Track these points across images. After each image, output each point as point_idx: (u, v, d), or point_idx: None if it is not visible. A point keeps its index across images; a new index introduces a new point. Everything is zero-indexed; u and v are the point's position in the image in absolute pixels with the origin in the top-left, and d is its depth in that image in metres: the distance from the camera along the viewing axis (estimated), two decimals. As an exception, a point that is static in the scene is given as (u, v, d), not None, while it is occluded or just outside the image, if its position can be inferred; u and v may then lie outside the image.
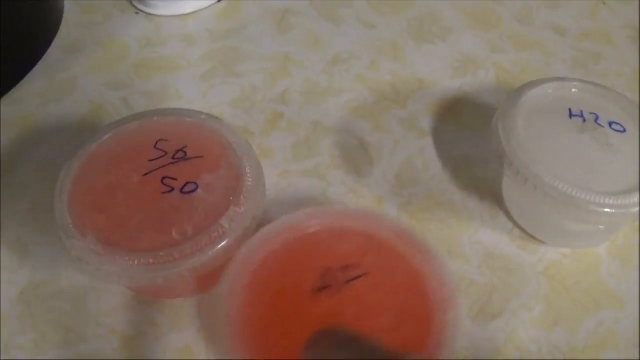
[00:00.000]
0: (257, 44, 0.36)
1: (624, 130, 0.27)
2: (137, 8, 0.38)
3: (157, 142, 0.26)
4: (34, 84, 0.34)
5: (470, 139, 0.32)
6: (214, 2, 0.37)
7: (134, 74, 0.34)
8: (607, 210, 0.25)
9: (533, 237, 0.29)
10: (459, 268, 0.28)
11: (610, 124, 0.27)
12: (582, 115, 0.27)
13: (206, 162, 0.26)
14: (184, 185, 0.25)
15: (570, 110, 0.28)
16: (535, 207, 0.28)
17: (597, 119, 0.27)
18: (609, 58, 0.37)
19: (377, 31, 0.36)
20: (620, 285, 0.27)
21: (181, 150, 0.26)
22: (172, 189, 0.25)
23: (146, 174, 0.25)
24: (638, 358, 0.26)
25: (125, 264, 0.22)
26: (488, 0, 0.38)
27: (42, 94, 0.34)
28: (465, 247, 0.28)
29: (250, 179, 0.25)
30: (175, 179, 0.25)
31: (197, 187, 0.25)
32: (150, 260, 0.22)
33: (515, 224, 0.29)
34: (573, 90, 0.29)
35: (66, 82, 0.34)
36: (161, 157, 0.26)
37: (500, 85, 0.34)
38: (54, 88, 0.34)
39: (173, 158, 0.26)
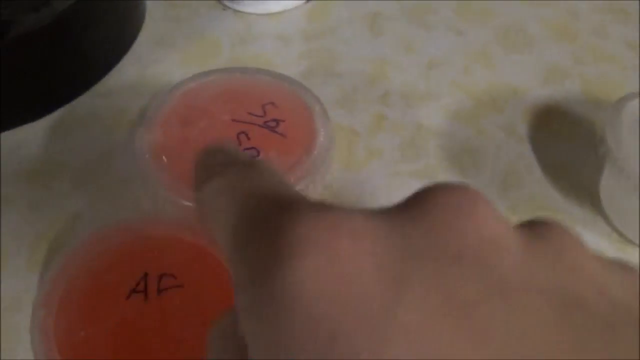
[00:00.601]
0: (351, 46, 0.37)
1: None
2: (224, 4, 0.38)
3: (266, 104, 0.28)
4: (123, 75, 0.35)
5: (565, 146, 0.33)
6: (302, 2, 0.38)
7: (230, 71, 0.35)
8: None
9: (631, 241, 0.30)
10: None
11: None
12: None
13: (286, 144, 0.27)
14: (270, 121, 0.27)
15: None
16: (636, 210, 0.30)
17: None
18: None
19: (466, 38, 0.38)
20: None
21: (276, 120, 0.27)
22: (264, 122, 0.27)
23: (234, 120, 0.27)
24: None
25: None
26: (566, 14, 0.40)
27: (134, 87, 0.34)
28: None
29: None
30: (249, 139, 0.27)
31: (258, 153, 0.26)
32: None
33: (614, 228, 0.31)
34: None
35: (159, 76, 0.35)
36: (260, 116, 0.27)
37: (585, 95, 0.36)
38: (145, 82, 0.34)
39: (264, 124, 0.27)
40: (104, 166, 0.31)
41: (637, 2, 0.41)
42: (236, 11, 0.38)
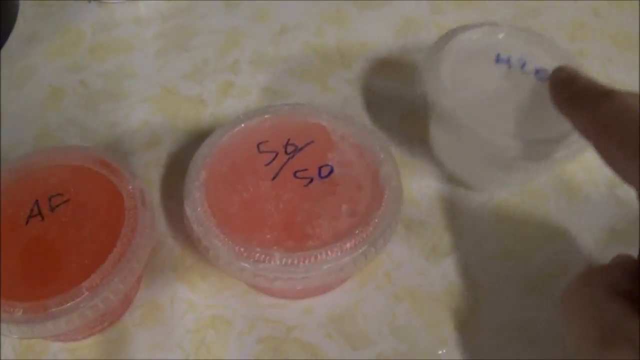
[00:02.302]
0: (207, 21, 0.39)
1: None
2: (89, -4, 0.41)
3: (258, 146, 0.28)
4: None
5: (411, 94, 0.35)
6: (162, -15, 0.40)
7: (89, 57, 0.38)
8: (516, 153, 0.26)
9: (465, 183, 0.31)
10: (410, 212, 0.31)
11: (536, 71, 0.29)
12: (508, 62, 0.29)
13: (320, 145, 0.28)
14: (319, 171, 0.27)
15: (498, 55, 0.30)
16: (455, 150, 0.30)
17: (524, 65, 0.29)
18: (548, 13, 0.40)
19: (321, 1, 0.40)
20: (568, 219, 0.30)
21: (288, 144, 0.28)
22: (312, 179, 0.27)
23: (274, 178, 0.27)
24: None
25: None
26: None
27: (3, 82, 0.37)
28: (414, 193, 0.31)
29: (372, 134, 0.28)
30: (306, 169, 0.27)
31: (332, 167, 0.27)
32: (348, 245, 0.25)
33: (446, 170, 0.32)
34: (501, 35, 0.31)
35: (26, 69, 0.37)
36: (274, 157, 0.28)
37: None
38: (15, 75, 0.37)
39: (286, 153, 0.28)
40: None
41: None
42: (101, 2, 0.40)
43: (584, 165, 0.32)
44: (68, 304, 0.24)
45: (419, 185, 0.32)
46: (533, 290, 0.28)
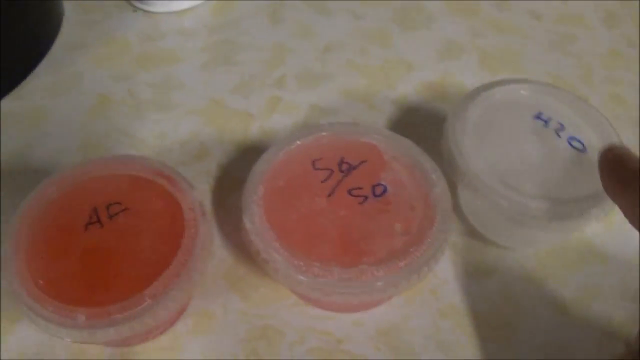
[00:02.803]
0: (252, 36, 0.40)
1: (583, 149, 0.29)
2: (134, 6, 0.42)
3: (313, 163, 0.29)
4: (40, 79, 0.38)
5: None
6: (207, -1, 0.42)
7: (136, 67, 0.39)
8: (546, 215, 0.27)
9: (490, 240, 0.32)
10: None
11: (570, 138, 0.30)
12: (545, 123, 0.30)
13: (373, 164, 0.29)
14: (373, 189, 0.28)
15: (539, 114, 0.30)
16: (483, 210, 0.31)
17: (560, 129, 0.30)
18: (584, 39, 0.42)
19: (364, 20, 0.41)
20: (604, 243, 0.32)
21: (342, 162, 0.29)
22: (366, 197, 0.28)
23: (330, 195, 0.28)
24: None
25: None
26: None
27: (50, 89, 0.38)
28: (459, 211, 0.32)
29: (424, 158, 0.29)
30: (361, 188, 0.28)
31: (385, 187, 0.28)
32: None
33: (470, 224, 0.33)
34: (530, 92, 0.32)
35: (72, 77, 0.38)
36: (330, 175, 0.29)
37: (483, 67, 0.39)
38: (61, 82, 0.38)
39: (341, 171, 0.29)
40: (22, 160, 0.34)
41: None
42: (146, 11, 0.41)
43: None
44: (131, 311, 0.25)
45: (465, 201, 0.33)
46: (568, 312, 0.30)
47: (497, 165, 0.29)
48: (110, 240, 0.27)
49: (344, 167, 0.30)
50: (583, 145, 0.29)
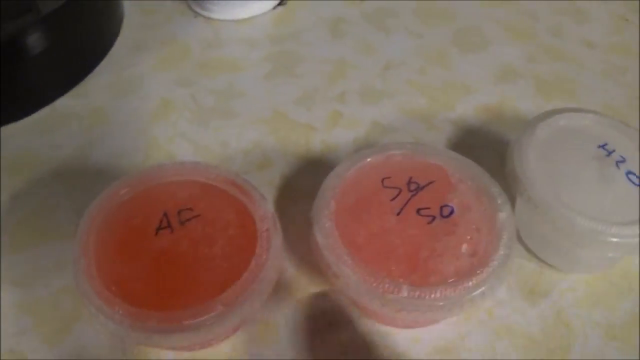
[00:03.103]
0: (314, 48, 0.41)
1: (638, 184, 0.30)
2: (195, 11, 0.43)
3: (382, 181, 0.30)
4: (101, 78, 0.39)
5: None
6: (269, 9, 0.43)
7: (199, 73, 0.40)
8: (614, 239, 0.28)
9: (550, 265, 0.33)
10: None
11: (627, 172, 0.31)
12: (609, 152, 0.31)
13: (440, 185, 0.30)
14: (441, 210, 0.29)
15: (604, 145, 0.32)
16: (545, 233, 0.32)
17: (620, 162, 0.31)
18: (635, 70, 0.43)
19: (424, 40, 0.42)
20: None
21: (410, 181, 0.30)
22: (434, 217, 0.29)
23: (399, 213, 0.29)
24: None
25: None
26: (524, 15, 0.44)
27: (110, 89, 0.39)
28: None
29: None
30: (429, 208, 0.29)
31: (452, 208, 0.29)
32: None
33: (528, 249, 0.34)
34: (586, 122, 0.33)
35: (134, 78, 0.39)
36: (398, 193, 0.30)
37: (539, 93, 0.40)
38: (122, 83, 0.39)
39: (409, 190, 0.30)
40: (81, 160, 0.35)
41: (593, 1, 0.45)
42: (207, 18, 0.42)
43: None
44: (202, 318, 0.25)
45: (522, 222, 0.33)
46: (617, 337, 0.31)
47: (557, 183, 0.30)
48: (181, 246, 0.27)
49: (412, 186, 0.31)
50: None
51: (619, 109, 0.40)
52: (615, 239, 0.29)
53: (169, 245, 0.27)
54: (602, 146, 0.32)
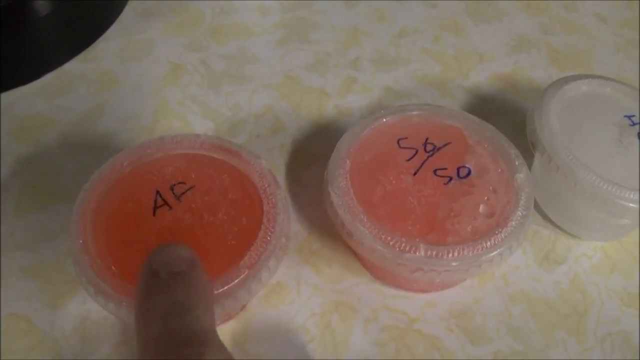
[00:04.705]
0: (327, 15, 0.41)
1: None
2: (207, -22, 0.42)
3: (399, 141, 0.29)
4: (110, 43, 0.38)
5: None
6: (281, -24, 0.42)
7: (210, 38, 0.39)
8: (631, 204, 0.28)
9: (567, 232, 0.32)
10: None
11: None
12: (634, 123, 0.31)
13: (457, 146, 0.29)
14: (458, 171, 0.28)
15: (632, 115, 0.31)
16: (564, 197, 0.31)
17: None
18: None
19: (438, 9, 0.42)
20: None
21: (427, 142, 0.29)
22: (451, 178, 0.28)
23: (415, 173, 0.28)
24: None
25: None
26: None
27: (120, 53, 0.38)
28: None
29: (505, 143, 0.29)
30: (446, 168, 0.28)
31: (470, 169, 0.29)
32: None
33: (547, 217, 0.33)
34: (608, 89, 0.32)
35: (143, 43, 0.38)
36: (415, 154, 0.29)
37: (552, 63, 0.40)
38: (132, 48, 0.38)
39: (426, 151, 0.29)
40: (90, 123, 0.34)
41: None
42: (219, -16, 0.41)
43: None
44: (233, 283, 0.24)
45: (540, 183, 0.33)
46: (632, 305, 0.30)
47: (577, 146, 0.29)
48: (184, 220, 0.25)
49: (429, 147, 0.30)
50: None
51: (631, 81, 0.39)
52: (633, 204, 0.28)
53: (171, 223, 0.25)
54: (629, 116, 0.31)
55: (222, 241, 0.25)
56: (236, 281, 0.24)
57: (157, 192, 0.26)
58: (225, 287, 0.24)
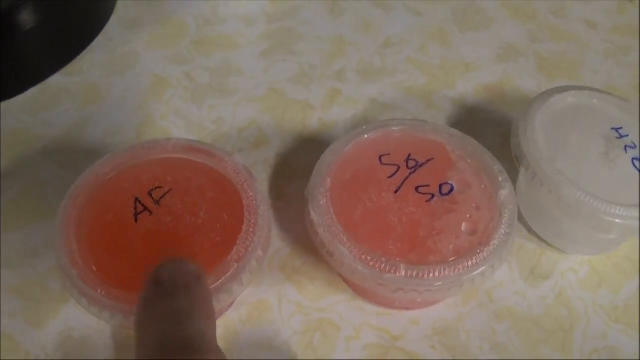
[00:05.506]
0: (312, 26, 0.40)
1: None
2: (192, -11, 0.41)
3: (380, 158, 0.29)
4: (94, 56, 0.38)
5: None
6: (266, -15, 0.41)
7: (194, 50, 0.38)
8: (617, 220, 0.27)
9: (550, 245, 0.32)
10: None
11: (633, 159, 0.29)
12: (621, 136, 0.30)
13: (440, 162, 0.29)
14: (440, 188, 0.28)
15: (619, 127, 0.30)
16: (549, 211, 0.30)
17: (631, 147, 0.29)
18: (637, 50, 0.41)
19: (424, 18, 0.41)
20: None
21: (409, 158, 0.29)
22: (433, 195, 0.27)
23: (397, 191, 0.28)
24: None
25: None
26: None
27: (104, 67, 0.37)
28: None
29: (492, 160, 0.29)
30: (428, 185, 0.28)
31: (452, 186, 0.28)
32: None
33: (532, 230, 0.32)
34: (595, 100, 0.31)
35: (127, 56, 0.38)
36: (397, 170, 0.28)
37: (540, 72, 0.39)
38: (116, 61, 0.38)
39: (408, 167, 0.28)
40: (74, 138, 0.34)
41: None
42: (204, -5, 0.41)
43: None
44: (225, 277, 0.24)
45: (524, 199, 0.32)
46: (619, 320, 0.30)
47: (562, 160, 0.29)
48: (166, 223, 0.25)
49: (411, 163, 0.29)
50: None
51: (622, 89, 0.38)
52: (619, 220, 0.28)
53: (154, 227, 0.25)
54: (617, 129, 0.30)
55: (207, 239, 0.25)
56: (227, 275, 0.24)
57: (136, 198, 0.26)
58: (217, 283, 0.24)
